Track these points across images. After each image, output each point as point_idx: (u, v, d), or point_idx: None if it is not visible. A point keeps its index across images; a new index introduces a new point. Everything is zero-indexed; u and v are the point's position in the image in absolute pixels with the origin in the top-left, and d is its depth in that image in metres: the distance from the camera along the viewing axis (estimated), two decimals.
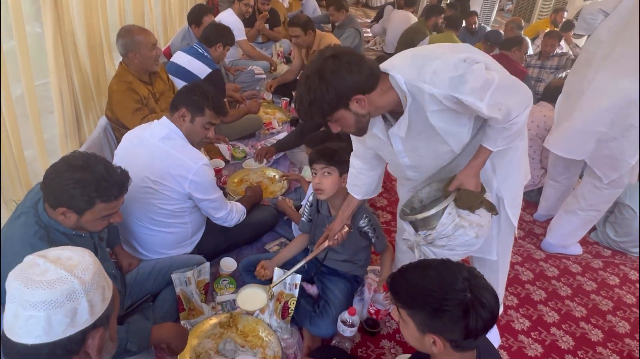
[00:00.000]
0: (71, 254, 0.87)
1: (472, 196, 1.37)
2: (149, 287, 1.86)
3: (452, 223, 1.37)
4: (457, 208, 1.38)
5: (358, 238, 1.94)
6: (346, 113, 1.27)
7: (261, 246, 2.36)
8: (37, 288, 0.78)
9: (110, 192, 1.39)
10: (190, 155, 1.85)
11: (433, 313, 1.01)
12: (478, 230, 1.39)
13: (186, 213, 1.95)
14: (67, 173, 1.33)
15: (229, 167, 3.01)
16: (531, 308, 2.20)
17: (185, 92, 1.88)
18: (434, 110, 1.28)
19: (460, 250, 1.43)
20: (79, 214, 1.37)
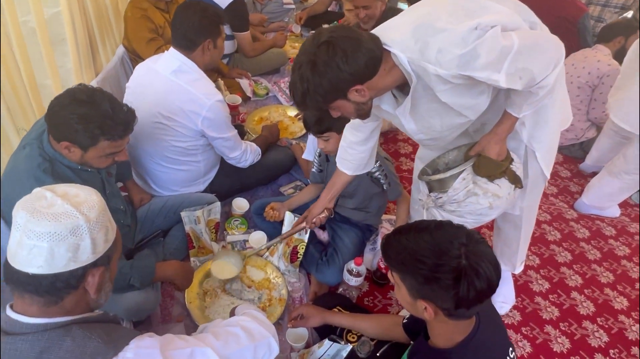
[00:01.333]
0: (78, 191, 0.87)
1: (491, 165, 1.26)
2: (160, 223, 1.87)
3: (465, 189, 1.28)
4: (474, 175, 1.28)
5: (369, 184, 1.84)
6: (345, 102, 1.15)
7: (276, 188, 2.31)
8: (43, 219, 0.79)
9: (114, 130, 1.34)
10: (204, 90, 1.75)
11: (424, 279, 0.93)
12: (493, 201, 1.28)
13: (199, 151, 1.90)
14: (71, 106, 1.29)
15: (250, 104, 2.91)
16: (553, 270, 2.09)
17: (199, 22, 1.73)
18: (443, 89, 1.12)
19: (469, 218, 1.34)
20: (83, 150, 1.34)
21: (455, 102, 1.16)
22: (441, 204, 1.34)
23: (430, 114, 1.23)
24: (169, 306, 1.72)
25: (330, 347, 1.44)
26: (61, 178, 1.35)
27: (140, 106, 1.71)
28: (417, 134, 1.33)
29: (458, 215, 1.33)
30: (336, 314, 1.55)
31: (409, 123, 1.29)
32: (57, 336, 0.81)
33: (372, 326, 1.48)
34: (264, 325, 1.08)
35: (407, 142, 2.82)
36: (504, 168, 1.28)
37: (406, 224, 1.05)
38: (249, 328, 1.04)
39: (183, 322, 1.66)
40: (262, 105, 2.91)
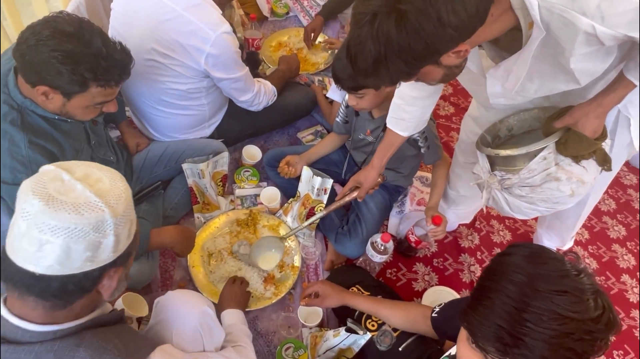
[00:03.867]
0: (101, 175, 0.74)
1: (583, 143, 1.00)
2: (160, 173, 1.63)
3: (544, 171, 1.02)
4: (557, 154, 1.02)
5: (405, 146, 1.54)
6: (433, 69, 0.82)
7: (294, 132, 2.02)
8: (62, 210, 0.65)
9: (109, 74, 1.09)
10: (207, 18, 1.40)
11: None
12: (577, 187, 1.04)
13: (202, 94, 1.59)
14: (53, 41, 1.01)
15: (267, 25, 2.50)
16: (603, 247, 1.84)
17: None
18: (582, 52, 0.80)
19: (542, 206, 1.09)
20: (66, 97, 1.08)
21: (581, 69, 0.85)
22: (508, 186, 1.09)
23: (531, 76, 0.90)
24: (170, 269, 1.55)
25: (347, 338, 1.27)
26: (34, 131, 1.11)
27: (128, 37, 1.39)
28: (496, 98, 1.02)
29: (528, 202, 1.09)
30: (357, 296, 1.36)
31: (494, 86, 0.98)
32: (68, 347, 0.71)
33: (396, 315, 1.28)
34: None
35: None
36: (596, 148, 1.02)
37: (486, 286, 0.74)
38: None
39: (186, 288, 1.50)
40: (281, 27, 2.49)
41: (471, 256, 1.73)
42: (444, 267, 1.69)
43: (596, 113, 0.99)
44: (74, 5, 1.78)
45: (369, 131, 1.59)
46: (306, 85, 2.00)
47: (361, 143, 1.65)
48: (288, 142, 1.99)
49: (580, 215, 1.52)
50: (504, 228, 1.84)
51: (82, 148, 1.24)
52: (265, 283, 1.53)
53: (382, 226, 1.72)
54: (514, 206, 1.12)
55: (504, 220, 1.86)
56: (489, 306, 0.70)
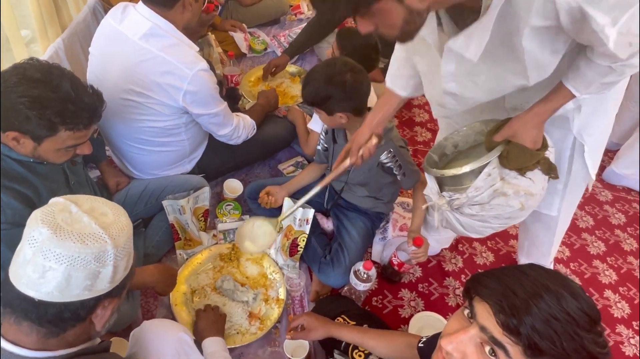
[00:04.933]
0: (106, 209, 0.78)
1: (525, 155, 0.99)
2: (140, 211, 1.63)
3: (491, 187, 1.00)
4: (501, 168, 1.00)
5: (380, 174, 1.58)
6: (393, 5, 0.80)
7: (275, 163, 2.05)
8: (67, 239, 0.70)
9: (78, 118, 1.10)
10: (183, 58, 1.44)
11: None
12: (525, 201, 1.03)
13: (182, 129, 1.61)
14: (21, 87, 1.03)
15: (246, 62, 2.56)
16: (585, 264, 1.87)
17: None
18: (535, 26, 0.81)
19: (495, 223, 1.08)
20: (36, 141, 1.09)
21: (532, 51, 0.87)
22: (458, 206, 1.06)
23: (487, 57, 0.90)
24: (152, 308, 1.52)
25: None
26: (8, 176, 1.10)
27: (106, 79, 1.42)
28: (448, 82, 1.01)
29: (480, 220, 1.08)
30: (343, 327, 1.34)
31: (449, 64, 0.96)
32: None
33: (382, 345, 1.26)
34: None
35: (422, 108, 2.50)
36: (539, 159, 1.01)
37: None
38: None
39: None
40: (259, 62, 2.56)
41: (455, 279, 1.74)
42: (429, 292, 1.69)
43: (533, 123, 0.98)
44: (52, 50, 1.82)
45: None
46: (285, 118, 2.04)
47: None
48: (269, 174, 2.01)
49: (553, 243, 1.54)
50: (486, 249, 1.86)
51: (59, 189, 1.23)
52: (250, 318, 1.51)
53: (365, 253, 1.72)
54: (467, 225, 1.10)
55: (486, 242, 1.88)
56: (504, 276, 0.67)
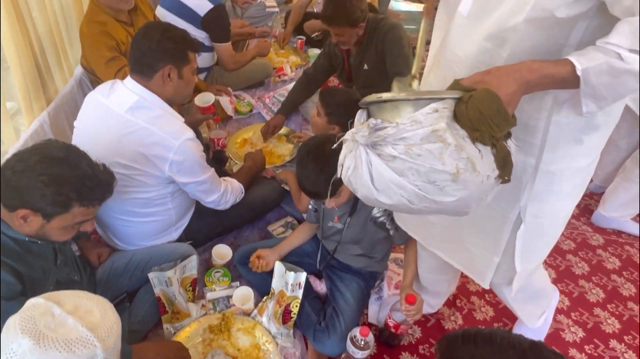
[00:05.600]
0: (91, 305, 0.74)
1: (491, 107, 0.73)
2: (125, 284, 1.56)
3: (431, 126, 0.74)
4: (452, 116, 0.76)
5: (373, 230, 1.56)
6: None
7: (264, 225, 2.01)
8: (52, 348, 0.65)
9: (93, 194, 1.13)
10: (169, 128, 1.45)
11: None
12: (464, 169, 0.74)
13: (168, 199, 1.59)
14: (41, 166, 1.05)
15: (232, 124, 2.60)
16: (586, 313, 1.82)
17: (158, 43, 1.42)
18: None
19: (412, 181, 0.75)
20: (46, 219, 1.09)
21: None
22: (378, 140, 0.76)
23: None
24: None
25: None
26: (4, 253, 1.09)
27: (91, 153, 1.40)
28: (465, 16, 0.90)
29: (397, 170, 0.75)
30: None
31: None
32: None
33: None
34: None
35: None
36: (504, 132, 0.77)
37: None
38: None
39: None
40: (245, 124, 2.60)
41: None
42: (430, 354, 1.62)
43: (517, 76, 0.77)
44: (37, 124, 1.82)
45: (336, 218, 1.60)
46: (273, 179, 2.03)
47: (330, 231, 1.65)
48: (259, 236, 1.97)
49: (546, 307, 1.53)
50: (484, 303, 1.81)
51: (49, 269, 1.21)
52: None
53: (361, 315, 1.66)
54: (377, 175, 0.77)
55: (484, 295, 1.83)
56: None
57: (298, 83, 2.48)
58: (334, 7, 2.03)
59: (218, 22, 2.44)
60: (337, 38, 2.16)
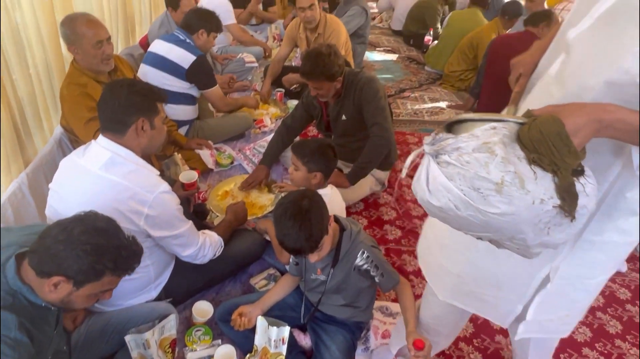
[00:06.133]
0: None
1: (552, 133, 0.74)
2: (101, 349, 1.50)
3: (482, 141, 0.78)
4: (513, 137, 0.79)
5: (357, 279, 1.55)
6: None
7: (247, 278, 1.98)
8: None
9: (126, 264, 1.19)
10: (144, 182, 1.45)
11: None
12: (510, 182, 0.75)
13: (145, 254, 1.53)
14: (85, 236, 1.11)
15: (213, 176, 2.62)
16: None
17: (127, 98, 1.45)
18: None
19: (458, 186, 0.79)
20: (77, 286, 1.12)
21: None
22: (439, 149, 0.82)
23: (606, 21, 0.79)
24: None
25: None
26: (24, 315, 1.10)
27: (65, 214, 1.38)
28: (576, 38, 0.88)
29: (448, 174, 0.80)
30: None
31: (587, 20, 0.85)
32: None
33: None
34: None
35: (389, 206, 2.56)
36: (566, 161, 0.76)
37: None
38: None
39: None
40: (226, 176, 2.62)
41: None
42: None
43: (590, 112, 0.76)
44: (15, 186, 1.81)
45: (319, 270, 1.59)
46: (254, 231, 2.03)
47: (314, 284, 1.63)
48: (241, 291, 1.93)
49: None
50: (473, 349, 1.78)
51: (52, 336, 1.21)
52: None
53: None
54: (431, 178, 0.83)
55: (471, 341, 1.81)
56: None
57: (277, 134, 2.54)
58: (313, 63, 2.13)
59: (202, 70, 2.57)
60: (315, 91, 2.24)
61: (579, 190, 0.79)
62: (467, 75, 4.12)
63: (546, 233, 0.81)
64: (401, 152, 3.06)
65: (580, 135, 0.76)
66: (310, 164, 1.81)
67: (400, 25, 5.59)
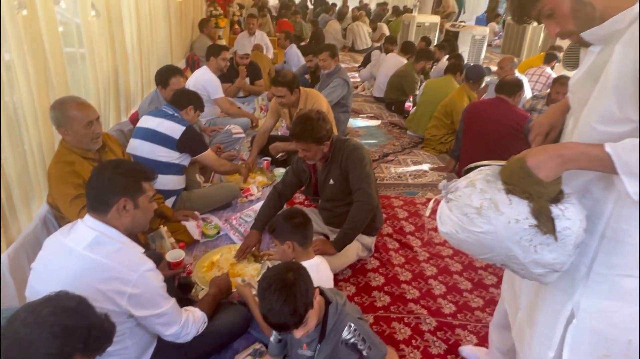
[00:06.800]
0: None
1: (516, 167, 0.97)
2: None
3: (469, 180, 1.04)
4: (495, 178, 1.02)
5: (345, 353, 1.52)
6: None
7: (232, 355, 1.91)
8: None
9: (97, 344, 1.13)
10: (127, 261, 1.45)
11: None
12: (487, 207, 0.98)
13: (126, 335, 1.52)
14: (54, 317, 1.07)
15: (199, 247, 2.60)
16: None
17: (110, 179, 1.49)
18: (627, 40, 0.92)
19: (456, 213, 1.03)
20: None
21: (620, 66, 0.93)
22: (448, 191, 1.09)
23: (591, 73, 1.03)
24: None
25: None
26: None
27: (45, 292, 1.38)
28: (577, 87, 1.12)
29: (449, 206, 1.07)
30: None
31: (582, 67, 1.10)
32: None
33: None
34: None
35: (376, 271, 2.55)
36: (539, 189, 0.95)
37: None
38: None
39: None
40: (213, 246, 2.61)
41: None
42: None
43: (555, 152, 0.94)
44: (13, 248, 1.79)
45: (305, 345, 1.55)
46: (239, 304, 1.99)
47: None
48: None
49: None
50: None
51: None
52: None
53: None
54: (441, 212, 1.09)
55: None
56: None
57: (268, 199, 2.58)
58: (302, 126, 2.26)
59: (193, 138, 2.69)
60: (303, 153, 2.33)
61: (557, 214, 0.96)
62: (446, 138, 4.28)
63: (534, 251, 0.99)
64: (387, 216, 3.10)
65: (545, 169, 0.94)
66: (280, 236, 1.84)
67: (381, 93, 5.88)
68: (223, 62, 4.17)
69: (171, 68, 3.31)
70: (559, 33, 1.06)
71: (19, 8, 2.05)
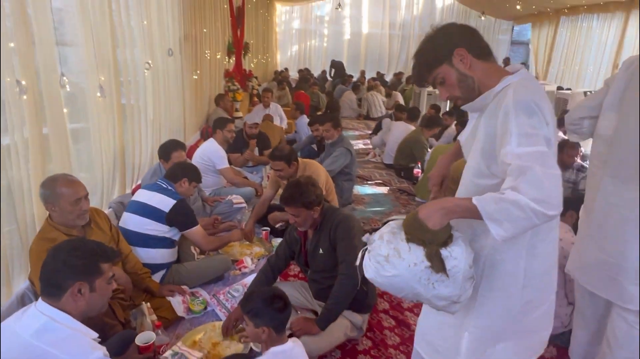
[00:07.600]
0: None
1: (410, 219, 1.18)
2: None
3: (380, 234, 1.24)
4: (401, 230, 1.21)
5: None
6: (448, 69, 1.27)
7: None
8: None
9: None
10: (76, 350, 1.38)
11: None
12: (392, 255, 1.17)
13: None
14: None
15: (183, 325, 2.50)
16: None
17: (65, 261, 1.46)
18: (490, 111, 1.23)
19: (372, 260, 1.21)
20: None
21: (484, 135, 1.25)
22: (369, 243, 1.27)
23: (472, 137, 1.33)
24: None
25: None
26: None
27: None
28: (464, 145, 1.42)
29: (369, 256, 1.24)
30: None
31: (466, 130, 1.40)
32: None
33: None
34: None
35: (368, 353, 2.36)
36: (430, 236, 1.14)
37: None
38: None
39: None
40: (198, 323, 2.50)
41: None
42: None
43: (441, 206, 1.14)
44: None
45: None
46: None
47: None
48: None
49: None
50: None
51: None
52: None
53: None
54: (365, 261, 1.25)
55: None
56: None
57: (261, 272, 2.51)
58: (291, 190, 2.26)
59: (183, 212, 2.68)
60: (293, 219, 2.30)
61: (446, 256, 1.16)
62: None
63: (432, 288, 1.17)
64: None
65: (433, 219, 1.14)
66: (255, 319, 1.73)
67: (391, 159, 5.89)
68: (229, 134, 4.31)
69: (174, 142, 3.43)
70: (448, 97, 1.32)
71: (20, 93, 2.20)
